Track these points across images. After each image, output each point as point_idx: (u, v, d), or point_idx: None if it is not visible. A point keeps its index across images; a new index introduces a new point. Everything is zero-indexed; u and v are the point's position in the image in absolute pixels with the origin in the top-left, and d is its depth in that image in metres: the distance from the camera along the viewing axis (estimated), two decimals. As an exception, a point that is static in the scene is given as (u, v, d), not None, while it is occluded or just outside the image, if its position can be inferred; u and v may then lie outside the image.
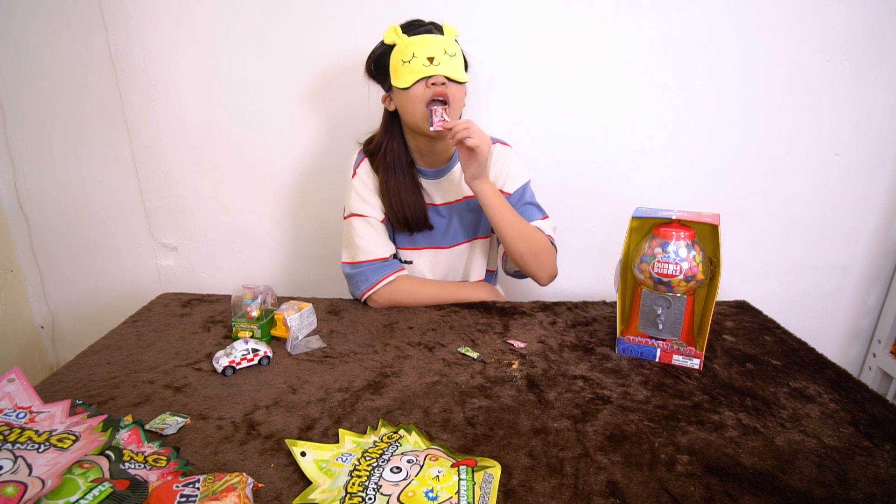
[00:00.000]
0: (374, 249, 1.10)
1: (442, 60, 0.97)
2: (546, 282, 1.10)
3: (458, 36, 1.01)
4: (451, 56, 0.98)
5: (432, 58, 0.96)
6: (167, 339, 1.00)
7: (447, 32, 1.00)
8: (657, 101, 1.31)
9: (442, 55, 0.97)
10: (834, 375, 0.88)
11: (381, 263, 1.11)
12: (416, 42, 0.97)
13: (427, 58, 0.96)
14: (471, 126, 0.96)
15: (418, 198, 1.10)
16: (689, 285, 0.88)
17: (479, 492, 0.58)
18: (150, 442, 0.67)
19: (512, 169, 1.13)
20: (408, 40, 0.97)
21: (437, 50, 0.97)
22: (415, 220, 1.10)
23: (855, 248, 1.43)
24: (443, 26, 1.00)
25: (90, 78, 1.33)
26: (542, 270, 1.08)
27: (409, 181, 1.09)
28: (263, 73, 1.32)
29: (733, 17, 1.24)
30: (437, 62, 0.97)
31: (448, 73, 0.97)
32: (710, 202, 1.32)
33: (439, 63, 0.97)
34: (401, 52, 0.98)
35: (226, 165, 1.41)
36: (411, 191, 1.09)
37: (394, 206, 1.09)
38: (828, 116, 1.31)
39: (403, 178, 1.09)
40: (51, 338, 1.60)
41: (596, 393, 0.82)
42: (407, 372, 0.88)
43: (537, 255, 1.06)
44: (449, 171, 1.13)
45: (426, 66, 0.96)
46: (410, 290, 1.13)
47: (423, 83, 0.98)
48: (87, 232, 1.48)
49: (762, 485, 0.63)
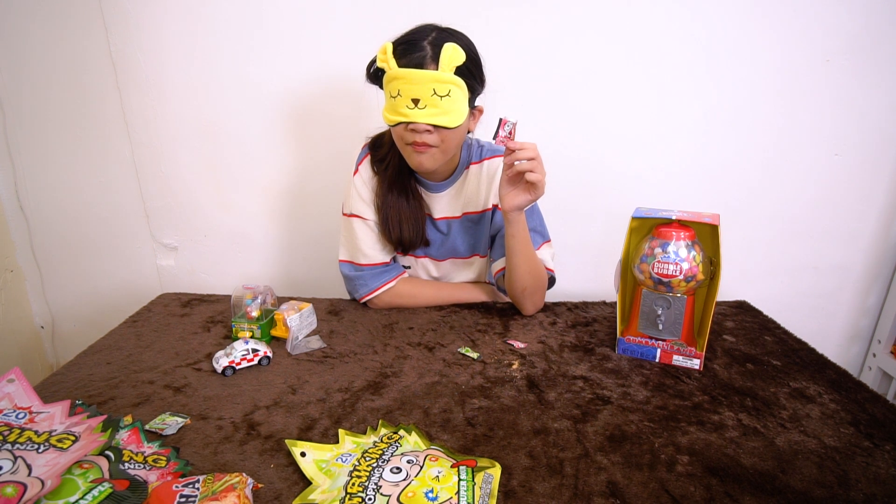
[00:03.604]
0: (375, 254, 1.08)
1: (428, 104, 0.85)
2: (531, 313, 1.10)
3: (459, 64, 0.85)
4: (442, 97, 0.85)
5: (417, 100, 0.85)
6: (167, 340, 1.00)
7: (444, 64, 0.84)
8: (657, 101, 1.31)
9: (429, 97, 0.85)
10: (834, 375, 0.88)
11: (382, 268, 1.10)
12: (403, 78, 0.85)
13: (412, 99, 0.86)
14: (536, 158, 0.89)
15: (418, 216, 1.05)
16: (689, 285, 0.88)
17: (478, 492, 0.58)
18: (150, 442, 0.67)
19: None
20: (396, 72, 0.85)
21: (423, 91, 0.85)
22: (409, 242, 1.05)
23: (855, 248, 1.43)
24: (441, 54, 0.84)
25: (90, 78, 1.33)
26: (534, 305, 1.09)
27: (409, 198, 1.04)
28: (263, 73, 1.32)
29: (733, 17, 1.24)
30: (422, 105, 0.86)
31: (433, 119, 0.86)
32: (711, 202, 1.32)
33: (424, 106, 0.86)
34: (388, 84, 0.88)
35: (226, 165, 1.41)
36: (408, 211, 1.03)
37: (389, 226, 1.04)
38: (828, 116, 1.31)
39: (403, 195, 1.03)
40: (51, 338, 1.60)
41: (596, 393, 0.82)
42: (407, 372, 0.88)
43: (535, 291, 1.06)
44: (451, 185, 1.07)
45: (410, 110, 0.86)
46: (410, 293, 1.13)
47: (405, 126, 0.90)
48: (87, 232, 1.48)
49: (762, 485, 0.63)
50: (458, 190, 1.08)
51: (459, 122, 0.89)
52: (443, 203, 1.09)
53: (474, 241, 1.13)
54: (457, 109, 0.88)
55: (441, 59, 0.84)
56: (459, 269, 1.18)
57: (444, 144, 0.93)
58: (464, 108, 0.89)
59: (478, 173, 1.08)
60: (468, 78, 0.88)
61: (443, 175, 1.06)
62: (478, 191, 1.08)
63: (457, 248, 1.13)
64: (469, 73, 0.89)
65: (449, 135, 0.92)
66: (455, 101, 0.87)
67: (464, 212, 1.10)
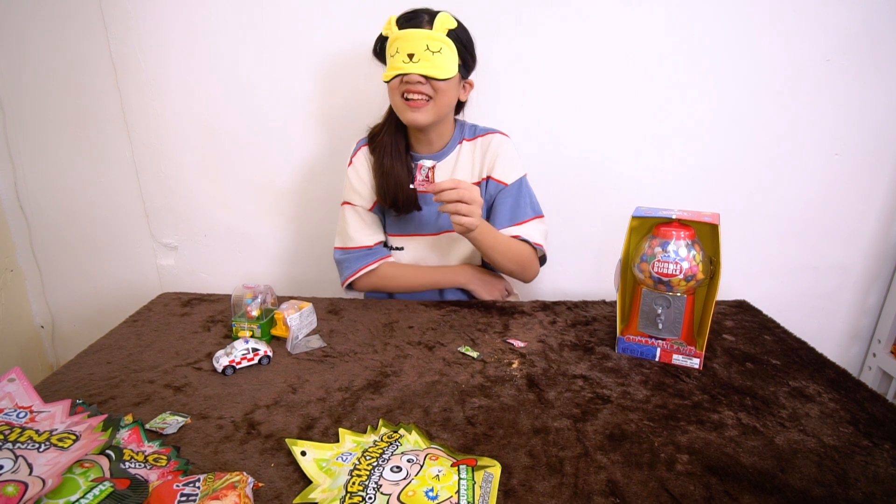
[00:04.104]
0: (359, 237, 1.14)
1: (422, 57, 0.97)
2: (529, 281, 1.18)
3: (451, 28, 0.98)
4: (434, 52, 0.97)
5: (412, 54, 0.97)
6: (167, 339, 1.00)
7: (437, 26, 0.97)
8: (657, 101, 1.31)
9: (423, 52, 0.97)
10: (834, 375, 0.88)
11: (365, 251, 1.14)
12: (402, 37, 0.98)
13: (407, 54, 0.97)
14: (462, 197, 0.94)
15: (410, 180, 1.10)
16: (689, 285, 0.88)
17: (479, 491, 0.58)
18: (151, 441, 0.67)
19: (510, 159, 1.14)
20: (396, 34, 0.98)
21: (418, 46, 0.97)
22: (403, 200, 1.10)
23: (855, 248, 1.43)
24: (436, 18, 0.98)
25: (90, 78, 1.33)
26: (527, 277, 1.16)
27: (402, 165, 1.10)
28: (263, 72, 1.32)
29: (733, 17, 1.24)
30: (416, 59, 0.97)
31: (425, 71, 0.98)
32: (710, 202, 1.32)
33: (419, 60, 0.97)
34: (389, 46, 1.00)
35: (226, 165, 1.41)
36: (403, 173, 1.09)
37: (385, 185, 1.10)
38: (828, 116, 1.31)
39: (398, 160, 1.10)
40: (51, 338, 1.60)
41: (596, 392, 0.83)
42: (407, 371, 0.88)
43: (524, 268, 1.12)
44: (445, 156, 1.14)
45: (405, 63, 0.98)
46: (392, 275, 1.16)
47: (400, 79, 1.00)
48: (87, 232, 1.48)
49: (762, 484, 0.63)
50: (449, 164, 1.14)
51: (448, 74, 0.99)
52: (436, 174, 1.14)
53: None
54: (447, 66, 0.99)
55: (435, 22, 0.98)
56: (455, 245, 1.18)
57: (436, 97, 1.01)
58: (453, 67, 1.00)
59: (471, 149, 1.15)
60: (458, 44, 1.00)
61: (435, 148, 1.14)
62: (472, 164, 1.15)
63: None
64: (460, 40, 1.01)
65: (440, 87, 1.00)
66: (445, 59, 0.98)
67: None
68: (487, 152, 1.13)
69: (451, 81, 1.02)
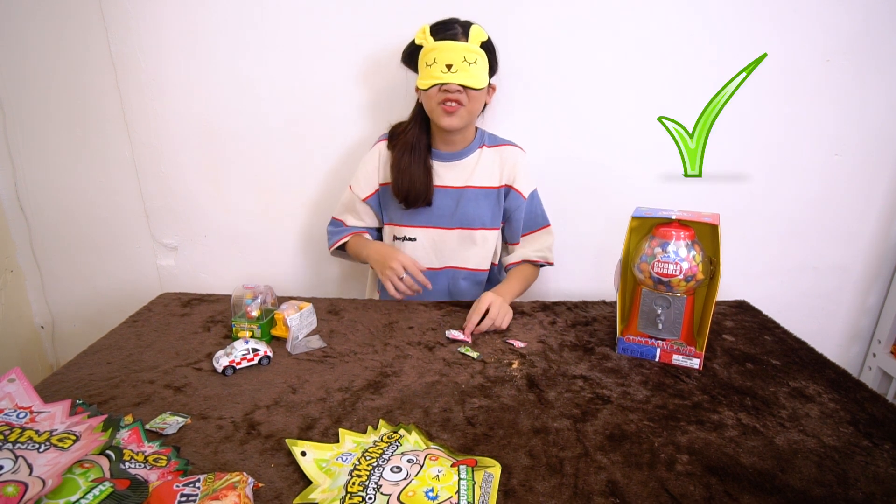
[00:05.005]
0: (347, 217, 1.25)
1: (460, 68, 1.03)
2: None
3: (483, 40, 1.04)
4: (471, 63, 1.03)
5: (451, 65, 1.02)
6: (167, 339, 1.00)
7: (472, 38, 1.03)
8: (657, 101, 1.31)
9: (460, 63, 1.02)
10: (834, 375, 0.88)
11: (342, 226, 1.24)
12: (439, 48, 1.03)
13: (446, 65, 1.02)
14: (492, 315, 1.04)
15: (427, 178, 1.16)
16: (688, 285, 0.88)
17: (479, 491, 0.58)
18: (151, 442, 0.67)
19: (528, 174, 1.21)
20: (432, 44, 1.03)
21: (456, 58, 1.02)
22: (415, 195, 1.15)
23: (855, 248, 1.43)
24: (470, 31, 1.03)
25: (90, 78, 1.33)
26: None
27: (422, 162, 1.15)
28: (263, 72, 1.32)
29: (733, 17, 1.24)
30: (454, 69, 1.02)
31: (463, 81, 1.03)
32: (710, 202, 1.32)
33: (457, 71, 1.02)
34: (425, 55, 1.05)
35: (226, 165, 1.40)
36: (421, 170, 1.15)
37: (400, 179, 1.15)
38: (828, 116, 1.31)
39: (417, 158, 1.15)
40: (51, 338, 1.60)
41: (596, 393, 0.83)
42: (407, 372, 0.88)
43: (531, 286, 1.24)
44: (465, 156, 1.18)
45: (444, 73, 1.03)
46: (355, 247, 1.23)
47: (438, 87, 1.05)
48: (87, 232, 1.48)
49: (762, 484, 0.63)
50: (469, 164, 1.19)
51: (483, 84, 1.06)
52: (454, 172, 1.19)
53: (484, 212, 1.20)
54: (481, 75, 1.05)
55: (470, 34, 1.04)
56: (466, 245, 1.21)
57: (469, 104, 1.08)
58: (486, 76, 1.07)
59: (492, 156, 1.20)
60: (489, 53, 1.07)
61: (457, 148, 1.19)
62: (491, 168, 1.20)
63: (466, 215, 1.19)
64: (490, 49, 1.07)
65: (474, 96, 1.07)
66: (480, 69, 1.05)
67: (470, 184, 1.19)
68: (507, 163, 1.19)
69: (482, 91, 1.08)
